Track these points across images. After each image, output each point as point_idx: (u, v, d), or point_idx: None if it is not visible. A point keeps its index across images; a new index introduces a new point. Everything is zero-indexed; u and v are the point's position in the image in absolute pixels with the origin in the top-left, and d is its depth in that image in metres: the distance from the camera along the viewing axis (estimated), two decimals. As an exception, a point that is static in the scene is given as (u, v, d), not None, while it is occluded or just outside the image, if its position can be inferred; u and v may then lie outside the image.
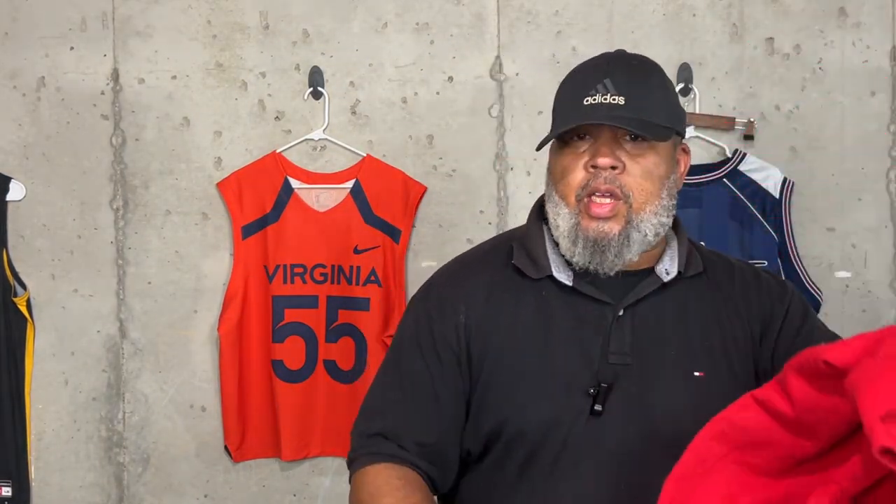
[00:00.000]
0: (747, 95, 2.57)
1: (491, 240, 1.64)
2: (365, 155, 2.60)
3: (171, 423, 2.66)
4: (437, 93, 2.62)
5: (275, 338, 2.59)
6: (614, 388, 1.41)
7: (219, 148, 2.64)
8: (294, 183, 2.60)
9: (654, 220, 1.43)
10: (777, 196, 2.52)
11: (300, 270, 2.60)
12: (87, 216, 2.66)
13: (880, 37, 2.56)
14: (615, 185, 1.40)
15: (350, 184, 2.60)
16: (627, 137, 1.42)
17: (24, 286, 2.64)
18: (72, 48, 2.65)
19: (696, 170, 2.55)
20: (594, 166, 1.41)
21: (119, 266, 2.66)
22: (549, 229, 1.49)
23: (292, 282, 2.59)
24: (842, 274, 2.57)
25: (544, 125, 2.60)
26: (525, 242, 1.51)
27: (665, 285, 1.48)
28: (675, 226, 1.52)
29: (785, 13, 2.57)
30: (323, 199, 2.61)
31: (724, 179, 2.53)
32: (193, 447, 2.66)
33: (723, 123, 2.56)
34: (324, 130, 2.62)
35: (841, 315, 2.57)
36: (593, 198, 1.41)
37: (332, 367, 2.60)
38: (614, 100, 1.40)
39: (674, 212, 1.47)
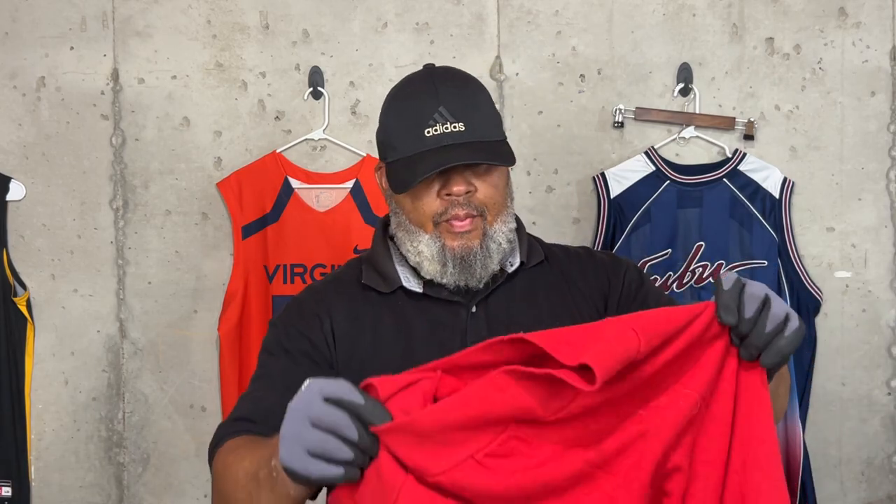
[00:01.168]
0: (747, 95, 2.58)
1: (341, 267, 1.68)
2: (365, 155, 2.61)
3: (171, 423, 2.66)
4: (437, 93, 2.62)
5: (275, 338, 2.59)
6: None
7: (219, 148, 2.64)
8: (294, 183, 2.60)
9: (504, 228, 1.52)
10: (777, 196, 2.52)
11: (300, 270, 2.60)
12: (87, 216, 2.66)
13: (880, 37, 2.56)
14: (471, 207, 1.48)
15: (350, 184, 2.60)
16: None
17: (24, 286, 2.64)
18: (72, 48, 2.65)
19: (696, 170, 2.55)
20: (448, 194, 1.47)
21: (119, 266, 2.66)
22: (395, 246, 1.57)
23: (292, 282, 2.59)
24: (842, 274, 2.58)
25: (544, 125, 2.61)
26: (373, 261, 1.58)
27: (511, 276, 1.56)
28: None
29: (785, 13, 2.57)
30: (323, 198, 2.61)
31: (724, 179, 2.53)
32: (193, 447, 2.66)
33: (723, 123, 2.56)
34: (324, 130, 2.62)
35: (841, 315, 2.57)
36: (451, 221, 1.48)
37: (332, 367, 2.60)
38: (455, 127, 1.46)
39: (514, 213, 1.57)
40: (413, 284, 1.54)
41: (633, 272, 1.61)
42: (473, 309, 1.52)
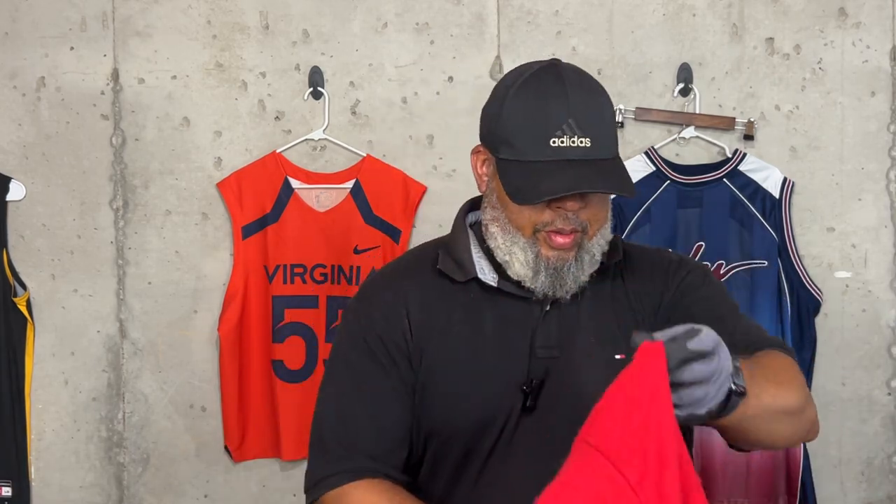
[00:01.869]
0: (747, 95, 2.57)
1: (417, 248, 1.65)
2: (365, 155, 2.60)
3: (171, 423, 2.66)
4: (437, 93, 2.62)
5: (275, 338, 2.59)
6: (546, 382, 1.45)
7: (219, 148, 2.64)
8: (294, 183, 2.60)
9: (601, 241, 1.48)
10: (777, 196, 2.52)
11: (300, 270, 2.60)
12: (87, 216, 2.66)
13: (880, 37, 2.56)
14: (577, 223, 1.44)
15: (350, 184, 2.60)
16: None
17: (24, 286, 2.64)
18: (72, 48, 2.65)
19: (696, 170, 2.55)
20: (559, 207, 1.43)
21: (119, 266, 2.66)
22: (474, 234, 1.54)
23: (292, 282, 2.59)
24: (842, 274, 2.58)
25: (544, 125, 2.60)
26: (450, 248, 1.54)
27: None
28: None
29: (785, 13, 2.57)
30: (323, 199, 2.61)
31: (724, 179, 2.53)
32: (193, 447, 2.66)
33: (723, 123, 2.56)
34: (324, 130, 2.62)
35: (841, 315, 2.57)
36: (553, 233, 1.44)
37: (332, 367, 2.60)
38: (581, 142, 1.43)
39: (611, 224, 1.52)
40: (488, 277, 1.50)
41: (694, 276, 1.56)
42: (548, 308, 1.49)
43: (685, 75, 2.56)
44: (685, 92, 2.56)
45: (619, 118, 2.56)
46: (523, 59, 2.61)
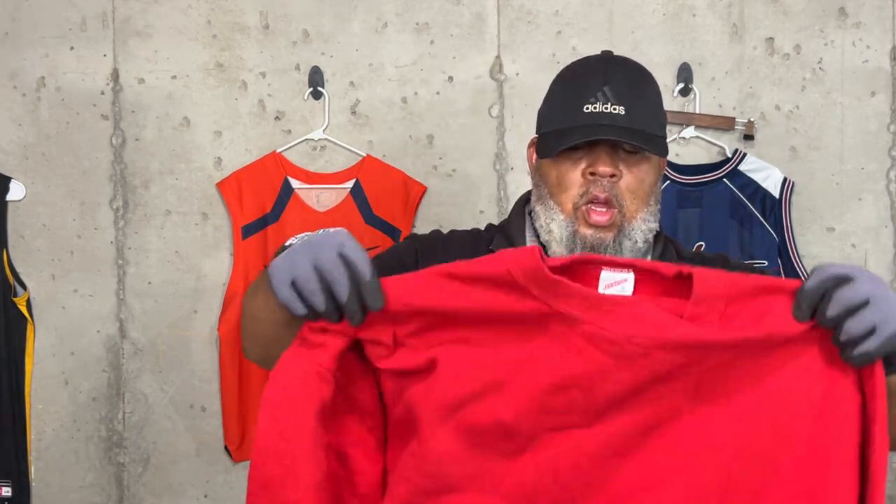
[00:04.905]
0: (747, 95, 2.58)
1: (478, 228, 1.65)
2: (365, 155, 2.60)
3: (171, 423, 2.66)
4: (437, 93, 2.62)
5: (275, 338, 2.59)
6: None
7: (219, 148, 2.64)
8: (294, 183, 2.60)
9: (643, 226, 1.46)
10: (777, 196, 2.52)
11: (300, 270, 2.59)
12: (87, 216, 2.66)
13: (880, 37, 2.56)
14: (612, 192, 1.42)
15: (350, 184, 2.60)
16: (625, 146, 1.44)
17: (24, 286, 2.64)
18: (72, 48, 2.65)
19: (696, 170, 2.55)
20: (592, 173, 1.42)
21: (119, 266, 2.66)
22: (531, 221, 1.53)
23: (292, 282, 2.59)
24: (842, 274, 2.57)
25: (544, 125, 2.60)
26: (506, 230, 1.55)
27: None
28: None
29: (785, 13, 2.57)
30: (323, 199, 2.61)
31: (724, 179, 2.53)
32: (193, 447, 2.66)
33: (723, 123, 2.56)
34: (324, 130, 2.62)
35: (841, 315, 2.57)
36: (591, 206, 1.43)
37: (332, 367, 2.59)
38: (615, 109, 1.42)
39: (659, 216, 1.50)
40: None
41: None
42: None
43: (685, 75, 2.56)
44: (685, 92, 2.56)
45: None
46: (523, 59, 2.61)
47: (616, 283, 1.17)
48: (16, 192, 2.64)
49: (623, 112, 1.41)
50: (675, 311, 1.13)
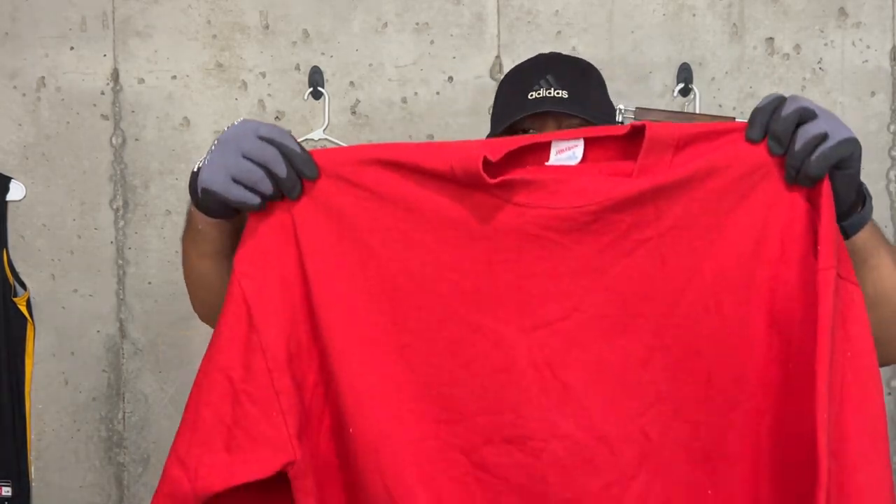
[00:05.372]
0: (747, 95, 2.57)
1: None
2: (365, 155, 2.60)
3: (171, 423, 2.66)
4: (437, 93, 2.62)
5: (275, 338, 2.59)
6: None
7: (219, 148, 2.64)
8: (294, 183, 2.60)
9: None
10: (777, 196, 2.52)
11: (300, 270, 2.59)
12: (87, 216, 2.66)
13: (880, 37, 2.56)
14: None
15: (350, 184, 2.60)
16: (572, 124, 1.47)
17: (24, 286, 2.64)
18: (72, 48, 2.65)
19: (696, 170, 2.55)
20: None
21: (119, 266, 2.66)
22: None
23: (292, 282, 2.59)
24: (842, 274, 2.57)
25: (544, 125, 2.60)
26: None
27: None
28: None
29: (785, 13, 2.57)
30: (323, 199, 2.61)
31: (724, 179, 2.53)
32: (193, 447, 2.66)
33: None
34: (324, 130, 2.62)
35: (841, 315, 2.57)
36: None
37: (332, 367, 2.59)
38: (558, 93, 1.45)
39: None
40: None
41: None
42: None
43: (685, 75, 2.56)
44: (685, 92, 2.56)
45: (619, 118, 2.55)
46: (523, 58, 2.60)
47: (567, 149, 1.17)
48: (16, 192, 2.64)
49: (566, 95, 1.45)
50: (625, 173, 1.13)
